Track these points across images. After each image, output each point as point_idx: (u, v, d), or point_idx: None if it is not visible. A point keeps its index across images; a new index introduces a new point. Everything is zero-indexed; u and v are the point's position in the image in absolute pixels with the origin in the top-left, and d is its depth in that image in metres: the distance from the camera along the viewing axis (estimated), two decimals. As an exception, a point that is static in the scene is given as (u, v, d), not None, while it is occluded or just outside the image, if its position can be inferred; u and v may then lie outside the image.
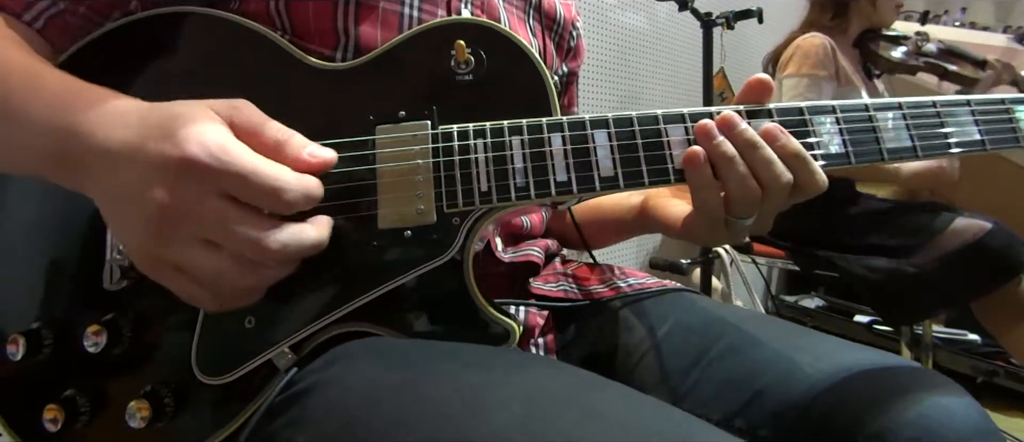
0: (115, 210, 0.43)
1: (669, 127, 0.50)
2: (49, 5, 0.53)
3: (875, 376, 0.53)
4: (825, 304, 2.72)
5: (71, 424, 0.50)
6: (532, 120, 0.50)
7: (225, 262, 0.42)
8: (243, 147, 0.42)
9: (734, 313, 0.67)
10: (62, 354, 0.52)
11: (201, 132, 0.40)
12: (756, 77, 0.52)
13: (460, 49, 0.50)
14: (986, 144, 0.53)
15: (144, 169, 0.40)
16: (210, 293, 0.43)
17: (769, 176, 0.49)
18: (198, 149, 0.40)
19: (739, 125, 0.49)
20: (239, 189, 0.41)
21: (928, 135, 0.52)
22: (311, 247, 0.44)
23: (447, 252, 0.49)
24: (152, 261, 0.43)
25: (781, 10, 2.06)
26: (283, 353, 0.48)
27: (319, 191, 0.44)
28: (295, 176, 0.43)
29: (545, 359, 0.62)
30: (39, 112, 0.45)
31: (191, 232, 0.41)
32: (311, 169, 0.44)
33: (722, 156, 0.48)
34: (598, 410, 0.38)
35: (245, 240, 0.41)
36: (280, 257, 0.43)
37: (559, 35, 0.78)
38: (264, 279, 0.44)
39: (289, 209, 0.43)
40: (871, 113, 0.52)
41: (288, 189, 0.42)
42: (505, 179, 0.49)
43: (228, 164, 0.40)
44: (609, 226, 0.77)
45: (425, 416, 0.39)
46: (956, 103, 0.53)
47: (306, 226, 0.44)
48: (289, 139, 0.45)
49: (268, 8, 0.56)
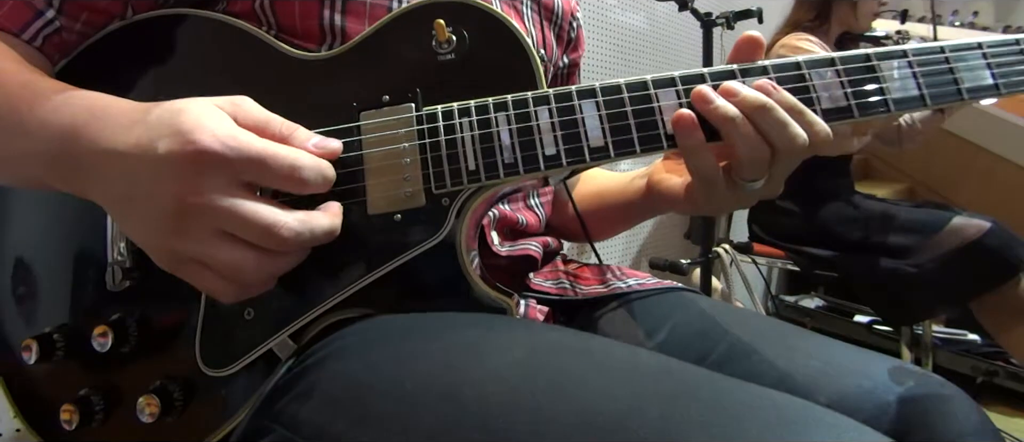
0: (128, 210, 0.44)
1: (660, 92, 0.49)
2: (45, 24, 0.54)
3: (879, 380, 0.53)
4: (825, 304, 2.72)
5: (86, 422, 0.52)
6: (517, 95, 0.49)
7: (243, 252, 0.42)
8: (251, 134, 0.43)
9: (734, 314, 0.67)
10: (73, 356, 0.53)
11: (210, 124, 0.41)
12: (746, 35, 0.50)
13: (440, 28, 0.50)
14: (1000, 88, 0.50)
15: (157, 166, 0.41)
16: (229, 284, 0.44)
17: (784, 137, 0.47)
18: (211, 140, 0.40)
19: (741, 92, 0.47)
20: (257, 173, 0.42)
21: (937, 82, 0.50)
22: (325, 233, 0.45)
23: (438, 233, 0.49)
24: (171, 257, 0.43)
25: (781, 10, 2.06)
26: (284, 342, 0.49)
27: (333, 173, 0.46)
28: (310, 157, 0.44)
29: (541, 323, 0.63)
30: (40, 120, 0.46)
31: (208, 225, 0.41)
32: (318, 156, 0.45)
33: (723, 118, 0.47)
34: (591, 348, 0.41)
35: (261, 229, 0.42)
36: (295, 244, 0.43)
37: (558, 26, 0.78)
38: (281, 267, 0.45)
39: (306, 188, 0.44)
40: (875, 62, 0.50)
41: (306, 167, 0.43)
42: (492, 156, 0.49)
43: (243, 151, 0.41)
44: (615, 213, 0.76)
45: (428, 368, 0.41)
46: (966, 47, 0.50)
47: (318, 213, 0.45)
48: (294, 131, 0.46)
49: (253, 6, 0.56)
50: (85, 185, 0.45)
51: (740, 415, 0.35)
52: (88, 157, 0.44)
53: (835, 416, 0.37)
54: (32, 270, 0.57)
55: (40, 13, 0.53)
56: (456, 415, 0.38)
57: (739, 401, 0.36)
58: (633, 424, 0.34)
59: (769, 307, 2.57)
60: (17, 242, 0.58)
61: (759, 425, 0.34)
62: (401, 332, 0.46)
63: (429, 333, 0.45)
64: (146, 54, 0.55)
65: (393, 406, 0.40)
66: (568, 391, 0.37)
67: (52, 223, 0.57)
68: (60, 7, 0.54)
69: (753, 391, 0.37)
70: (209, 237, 0.42)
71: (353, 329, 0.47)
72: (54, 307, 0.55)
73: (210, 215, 0.41)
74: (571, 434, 0.35)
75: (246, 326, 0.49)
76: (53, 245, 0.57)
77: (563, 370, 0.39)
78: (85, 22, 0.55)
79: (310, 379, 0.44)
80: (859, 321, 2.46)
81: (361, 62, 0.52)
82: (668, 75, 0.50)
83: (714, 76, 0.49)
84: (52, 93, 0.48)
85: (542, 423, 0.36)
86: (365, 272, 0.49)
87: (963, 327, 2.29)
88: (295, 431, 0.43)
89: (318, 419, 0.42)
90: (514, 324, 0.49)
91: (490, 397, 0.38)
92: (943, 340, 2.25)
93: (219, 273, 0.43)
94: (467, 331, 0.45)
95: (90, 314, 0.53)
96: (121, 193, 0.43)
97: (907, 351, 1.89)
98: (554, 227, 0.83)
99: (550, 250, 0.76)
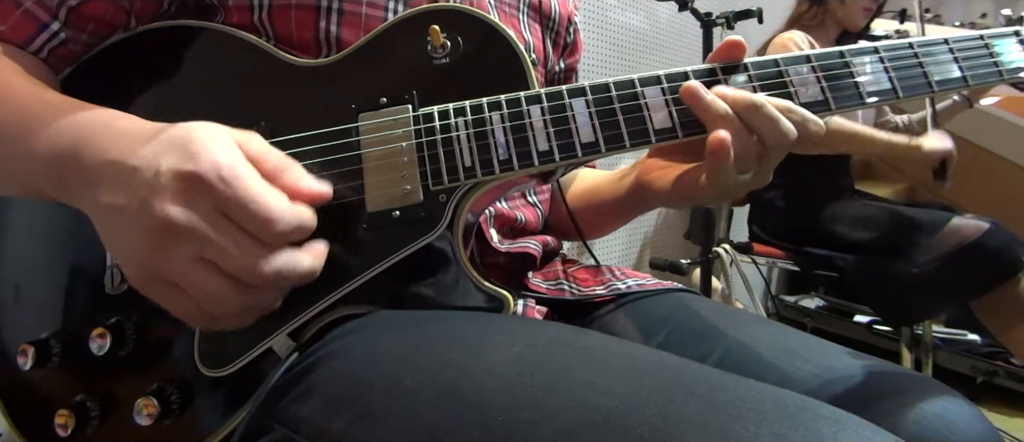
0: (116, 222, 0.44)
1: (646, 89, 0.52)
2: (51, 36, 0.54)
3: (875, 385, 0.53)
4: (825, 304, 2.72)
5: (82, 429, 0.52)
6: (510, 95, 0.51)
7: (219, 282, 0.42)
8: (252, 172, 0.43)
9: (734, 316, 0.67)
10: (70, 360, 0.54)
11: (215, 152, 0.41)
12: (729, 39, 0.52)
13: (435, 34, 0.52)
14: (967, 80, 0.53)
15: (156, 181, 0.41)
16: (202, 312, 0.44)
17: (774, 133, 0.49)
18: (208, 166, 0.41)
19: (729, 93, 0.50)
20: (236, 212, 0.42)
21: (907, 76, 0.52)
22: (304, 275, 0.45)
23: (436, 228, 0.50)
24: (148, 274, 0.43)
25: (781, 10, 2.06)
26: (283, 340, 0.49)
27: (312, 223, 0.45)
28: (289, 207, 0.44)
29: (538, 319, 0.63)
30: (49, 128, 0.46)
31: (190, 249, 0.41)
32: (305, 199, 0.45)
33: (716, 116, 0.49)
34: (590, 345, 0.42)
35: (241, 264, 0.42)
36: (274, 283, 0.44)
37: (555, 32, 0.79)
38: (258, 302, 0.45)
39: (280, 239, 0.43)
40: (847, 59, 0.52)
41: (280, 220, 0.42)
42: (488, 153, 0.50)
43: (231, 186, 0.41)
44: (606, 209, 0.77)
45: (427, 365, 0.41)
46: (933, 43, 0.54)
47: (301, 254, 0.45)
48: (289, 167, 0.46)
49: (252, 18, 0.57)
50: (78, 191, 0.46)
51: (739, 411, 0.35)
52: (92, 164, 0.44)
53: (835, 411, 0.37)
54: (29, 276, 0.57)
55: (45, 26, 0.54)
56: (456, 411, 0.38)
57: (738, 397, 0.36)
58: (632, 420, 0.35)
59: (769, 307, 2.58)
60: (14, 248, 0.58)
61: (757, 420, 0.34)
62: (400, 329, 0.46)
63: (428, 330, 0.45)
64: (149, 63, 0.56)
65: (393, 403, 0.40)
66: (567, 387, 0.38)
67: (49, 229, 0.57)
68: (65, 19, 0.54)
69: (752, 387, 0.38)
70: (189, 261, 0.42)
71: (352, 326, 0.48)
72: (51, 312, 0.56)
73: (194, 241, 0.41)
74: (570, 429, 0.35)
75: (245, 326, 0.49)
76: (50, 250, 0.57)
77: (562, 366, 0.39)
78: (90, 33, 0.56)
79: (310, 377, 0.45)
80: (859, 321, 2.46)
81: (359, 67, 0.54)
82: (654, 73, 0.52)
83: (697, 74, 0.52)
84: (63, 105, 0.48)
85: (541, 419, 0.36)
86: (364, 268, 0.49)
87: (963, 327, 2.29)
88: (295, 430, 0.43)
89: (318, 417, 0.42)
90: (513, 321, 0.49)
91: (490, 393, 0.38)
92: (943, 340, 2.25)
93: (193, 299, 0.43)
94: (467, 328, 0.45)
95: (88, 318, 0.53)
96: (113, 203, 0.43)
97: (907, 351, 1.89)
98: (550, 226, 0.83)
99: (550, 249, 0.76)
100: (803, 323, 2.59)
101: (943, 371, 2.20)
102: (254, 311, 0.46)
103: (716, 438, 0.33)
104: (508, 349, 0.41)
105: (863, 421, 0.36)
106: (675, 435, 0.34)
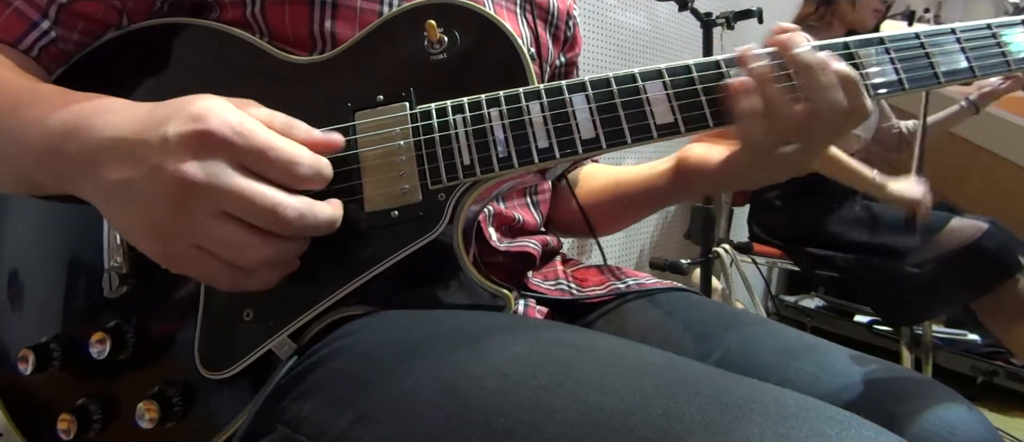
0: (125, 198, 0.43)
1: (647, 84, 0.51)
2: (41, 35, 0.54)
3: (875, 386, 0.53)
4: (825, 304, 2.72)
5: (84, 433, 0.51)
6: (509, 91, 0.50)
7: (244, 233, 0.42)
8: (260, 124, 0.43)
9: (734, 316, 0.67)
10: (71, 364, 0.53)
11: (220, 110, 0.42)
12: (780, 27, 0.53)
13: (432, 29, 0.51)
14: (975, 70, 0.52)
15: (164, 146, 0.41)
16: (229, 268, 0.44)
17: (826, 100, 0.48)
18: (220, 123, 0.41)
19: (798, 46, 0.49)
20: (257, 161, 0.42)
21: (914, 67, 0.52)
22: (326, 222, 0.45)
23: (435, 228, 0.49)
24: (168, 242, 0.43)
25: (781, 10, 2.06)
26: (283, 341, 0.49)
27: (329, 170, 0.46)
28: (309, 153, 0.44)
29: (540, 319, 0.63)
30: (42, 117, 0.46)
31: (211, 205, 0.41)
32: (319, 148, 0.46)
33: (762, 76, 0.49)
34: (592, 344, 0.42)
35: (263, 209, 0.42)
36: (298, 226, 0.44)
37: (554, 26, 0.79)
38: (281, 252, 0.45)
39: (302, 183, 0.44)
40: (853, 50, 0.52)
41: (301, 162, 0.43)
42: (487, 151, 0.50)
43: (248, 137, 0.42)
44: (638, 201, 0.76)
45: (429, 365, 0.41)
46: (940, 33, 0.52)
47: (321, 203, 0.45)
48: (294, 126, 0.46)
49: (245, 14, 0.57)
50: (78, 176, 0.45)
51: (742, 411, 0.34)
52: (91, 146, 0.44)
53: (838, 411, 0.36)
54: (27, 280, 0.57)
55: (35, 24, 0.53)
56: (457, 412, 0.38)
57: (741, 397, 0.36)
58: (635, 420, 0.34)
59: (769, 307, 2.58)
60: (11, 252, 0.58)
61: (761, 421, 0.34)
62: (401, 329, 0.46)
63: (429, 330, 0.45)
64: (142, 62, 0.56)
65: (394, 404, 0.40)
66: (569, 387, 0.37)
67: (46, 232, 0.57)
68: (55, 18, 0.54)
69: (755, 387, 0.37)
70: (211, 218, 0.42)
71: (353, 327, 0.47)
72: (50, 316, 0.55)
73: (214, 195, 0.41)
74: (572, 430, 0.35)
75: (245, 327, 0.49)
76: (48, 254, 0.56)
77: (564, 366, 0.39)
78: (81, 32, 0.55)
79: (311, 378, 0.44)
80: (859, 321, 2.46)
81: (355, 64, 0.53)
82: (655, 68, 0.51)
83: (699, 67, 0.52)
84: (55, 94, 0.48)
85: (543, 419, 0.36)
86: (363, 269, 0.49)
87: (963, 327, 2.29)
88: (297, 430, 0.43)
89: (320, 418, 0.42)
90: (515, 321, 0.49)
91: (491, 393, 0.38)
92: (943, 340, 2.25)
93: (218, 257, 0.43)
94: (468, 327, 0.45)
95: (87, 322, 0.53)
96: (120, 178, 0.42)
97: (907, 351, 1.90)
98: (557, 222, 0.83)
99: (549, 249, 0.76)
100: (803, 323, 2.59)
101: (943, 371, 2.20)
102: (279, 265, 0.46)
103: (720, 438, 0.33)
104: (510, 349, 0.41)
105: (866, 422, 0.36)
106: (679, 435, 0.33)
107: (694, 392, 0.36)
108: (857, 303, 2.49)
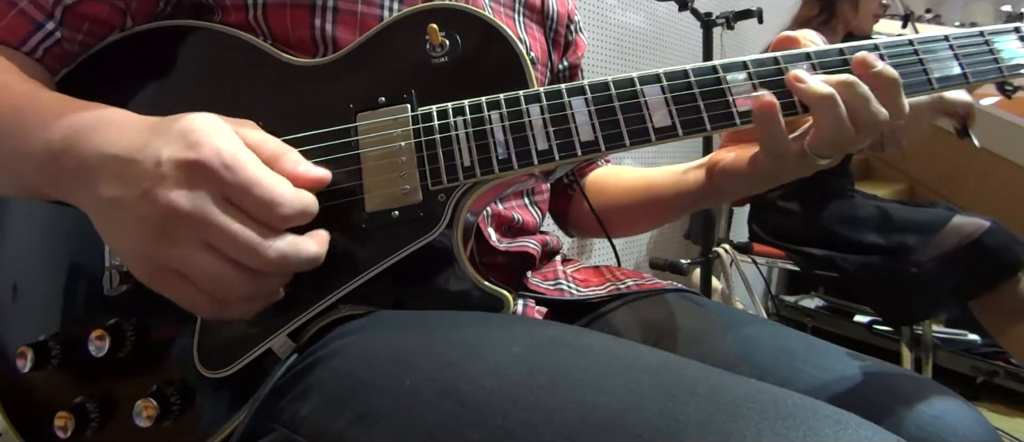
0: (116, 214, 0.44)
1: (645, 88, 0.51)
2: (46, 36, 0.54)
3: (874, 386, 0.53)
4: (825, 304, 2.72)
5: (81, 431, 0.51)
6: (509, 94, 0.51)
7: (226, 267, 0.42)
8: (253, 158, 0.43)
9: (733, 317, 0.67)
10: (69, 362, 0.53)
11: (216, 139, 0.42)
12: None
13: (433, 33, 0.52)
14: (968, 77, 0.53)
15: (158, 170, 0.41)
16: (209, 299, 0.44)
17: (867, 113, 0.49)
18: (211, 154, 0.41)
19: (875, 63, 0.50)
20: (239, 197, 0.42)
21: (908, 73, 0.52)
22: (309, 260, 0.45)
23: (436, 228, 0.50)
24: (152, 265, 0.43)
25: (781, 10, 2.06)
26: (282, 341, 0.49)
27: (314, 207, 0.45)
28: (293, 191, 0.44)
29: (538, 319, 0.63)
30: (44, 124, 0.46)
31: (195, 235, 0.41)
32: (304, 184, 0.45)
33: (818, 96, 0.49)
34: (589, 344, 0.42)
35: (245, 247, 0.42)
36: (278, 267, 0.43)
37: (554, 31, 0.79)
38: (263, 288, 0.45)
39: (283, 223, 0.43)
40: (847, 56, 0.52)
41: (283, 203, 0.43)
42: (487, 153, 0.50)
43: (235, 172, 0.41)
44: (669, 203, 0.75)
45: (427, 365, 0.41)
46: (933, 40, 0.53)
47: (305, 239, 0.45)
48: (286, 152, 0.46)
49: (247, 18, 0.57)
50: (75, 187, 0.45)
51: (740, 410, 0.34)
52: (89, 159, 0.44)
53: (836, 410, 0.36)
54: (27, 278, 0.57)
55: (40, 25, 0.54)
56: (456, 412, 0.38)
57: (739, 396, 0.36)
58: (631, 419, 0.35)
59: (769, 307, 2.58)
60: (12, 250, 0.58)
61: (759, 420, 0.34)
62: (400, 329, 0.46)
63: (428, 330, 0.45)
64: (145, 63, 0.56)
65: (393, 404, 0.40)
66: (566, 386, 0.37)
67: (47, 231, 0.57)
68: (61, 19, 0.54)
69: (753, 386, 0.37)
70: (194, 248, 0.42)
71: (352, 327, 0.47)
72: (49, 314, 0.55)
73: (199, 226, 0.41)
74: (570, 429, 0.35)
75: (244, 326, 0.49)
76: (48, 253, 0.57)
77: (562, 366, 0.39)
78: (86, 33, 0.56)
79: (310, 378, 0.45)
80: (859, 321, 2.46)
81: (357, 66, 0.53)
82: (653, 72, 0.52)
83: (697, 72, 0.52)
84: (58, 102, 0.48)
85: (541, 419, 0.36)
86: (363, 269, 0.49)
87: (963, 327, 2.29)
88: (295, 430, 0.43)
89: (319, 418, 0.42)
90: (513, 321, 0.49)
91: (489, 394, 0.38)
92: (943, 340, 2.25)
93: (198, 286, 0.43)
94: (466, 328, 0.45)
95: (86, 320, 0.53)
96: (112, 196, 0.43)
97: (907, 351, 1.90)
98: (574, 223, 0.84)
99: (549, 249, 0.76)
100: (803, 323, 2.59)
101: (943, 371, 2.20)
102: (260, 298, 0.46)
103: (717, 437, 0.33)
104: (508, 349, 0.41)
105: (864, 421, 0.36)
106: (676, 435, 0.33)
107: (691, 392, 0.36)
108: (857, 303, 2.49)
